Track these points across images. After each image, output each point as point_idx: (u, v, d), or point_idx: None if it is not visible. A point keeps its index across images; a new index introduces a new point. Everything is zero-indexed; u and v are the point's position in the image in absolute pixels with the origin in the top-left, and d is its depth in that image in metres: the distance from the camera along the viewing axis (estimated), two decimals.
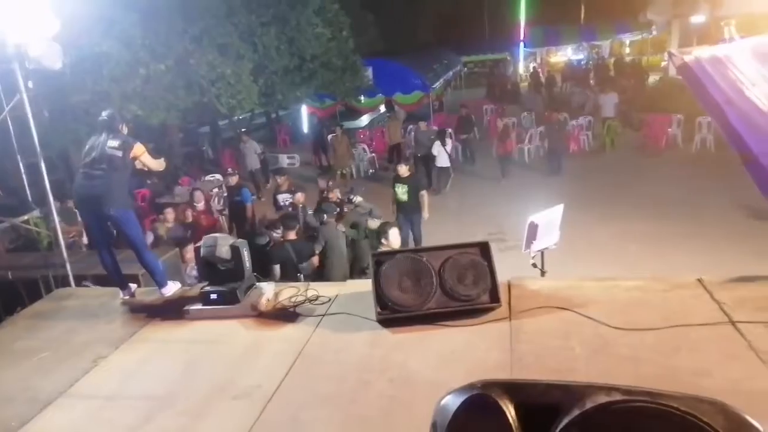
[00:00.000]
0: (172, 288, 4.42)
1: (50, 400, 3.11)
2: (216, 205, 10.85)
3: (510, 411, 0.85)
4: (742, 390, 2.51)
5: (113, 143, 4.15)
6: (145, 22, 8.61)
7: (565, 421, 0.82)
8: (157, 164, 4.56)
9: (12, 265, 5.64)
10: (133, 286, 4.53)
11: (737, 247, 7.78)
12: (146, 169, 4.52)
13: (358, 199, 7.35)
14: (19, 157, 4.86)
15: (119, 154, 4.15)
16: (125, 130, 4.41)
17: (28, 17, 4.15)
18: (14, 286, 5.13)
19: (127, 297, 4.43)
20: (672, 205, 9.79)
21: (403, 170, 8.55)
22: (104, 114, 4.34)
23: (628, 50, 31.93)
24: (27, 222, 5.84)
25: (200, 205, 8.57)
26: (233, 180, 9.19)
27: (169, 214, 7.75)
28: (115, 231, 4.57)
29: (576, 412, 0.82)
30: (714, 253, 7.75)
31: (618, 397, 0.81)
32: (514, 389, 0.89)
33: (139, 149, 4.29)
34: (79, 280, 5.07)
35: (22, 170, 4.90)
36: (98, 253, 4.44)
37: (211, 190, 11.54)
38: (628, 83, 20.17)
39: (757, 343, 2.84)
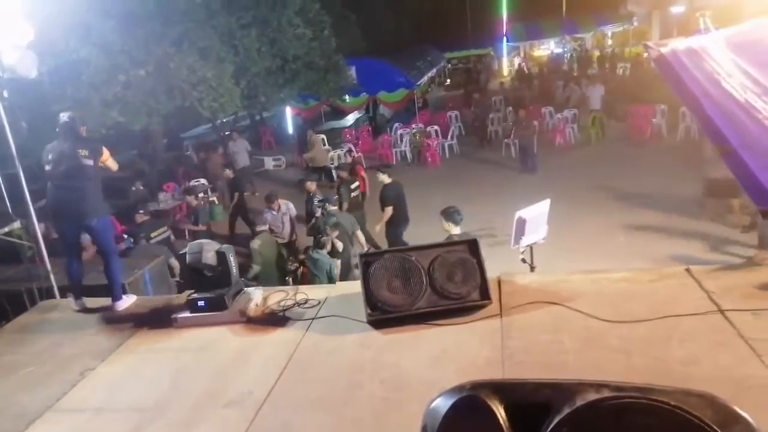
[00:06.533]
0: (126, 302, 4.34)
1: (37, 415, 3.05)
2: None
3: (500, 411, 0.84)
4: (732, 377, 2.53)
5: (83, 152, 4.05)
6: (123, 28, 8.50)
7: (555, 419, 0.81)
8: (116, 165, 4.54)
9: None
10: (85, 299, 4.46)
11: (723, 233, 7.87)
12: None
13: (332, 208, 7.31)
14: None
15: (90, 162, 4.07)
16: (84, 133, 4.30)
17: (1, 25, 4.07)
18: None
19: (78, 308, 4.37)
20: (658, 194, 9.87)
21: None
22: (65, 116, 4.18)
23: (610, 42, 32.19)
24: (9, 234, 5.73)
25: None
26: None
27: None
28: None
29: (566, 411, 0.81)
30: (701, 241, 7.83)
31: (608, 393, 0.80)
32: (503, 389, 0.88)
33: (106, 153, 4.23)
34: (64, 292, 4.99)
35: (1, 181, 4.81)
36: (68, 262, 4.37)
37: (197, 196, 11.47)
38: (611, 75, 20.37)
39: (745, 331, 2.86)
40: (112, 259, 4.31)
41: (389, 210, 7.75)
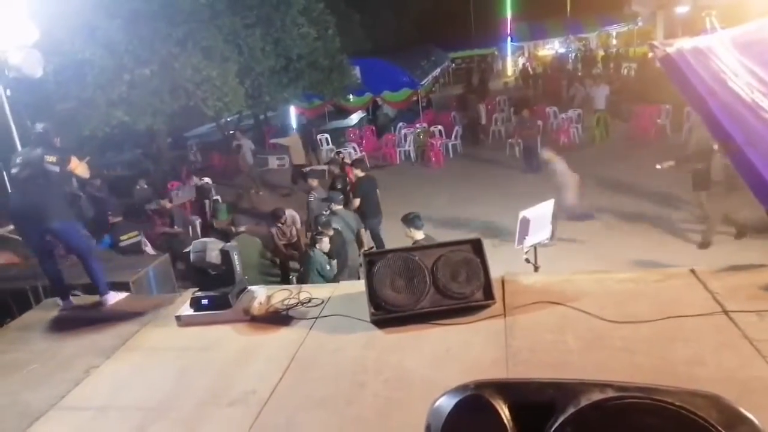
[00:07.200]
0: (114, 297, 4.43)
1: (41, 413, 3.05)
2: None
3: (504, 411, 0.84)
4: (737, 379, 2.52)
5: (50, 158, 4.12)
6: (128, 27, 8.53)
7: (560, 419, 0.81)
8: (87, 173, 4.60)
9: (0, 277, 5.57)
10: (73, 299, 4.50)
11: (728, 234, 7.84)
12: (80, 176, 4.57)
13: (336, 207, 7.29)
14: (1, 164, 4.81)
15: (56, 169, 4.14)
16: (58, 143, 4.38)
17: (7, 25, 4.09)
18: (3, 297, 5.05)
19: (65, 308, 4.40)
20: (662, 193, 9.84)
21: None
22: (39, 127, 4.28)
23: (615, 42, 32.12)
24: (13, 232, 5.75)
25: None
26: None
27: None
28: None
29: (571, 410, 0.81)
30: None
31: (612, 393, 0.80)
32: (507, 389, 0.88)
33: (74, 162, 4.29)
34: (69, 290, 5.00)
35: (6, 180, 4.84)
36: (39, 263, 4.42)
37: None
38: (616, 75, 20.34)
39: (750, 332, 2.85)
40: (86, 259, 4.36)
41: (356, 202, 8.12)
